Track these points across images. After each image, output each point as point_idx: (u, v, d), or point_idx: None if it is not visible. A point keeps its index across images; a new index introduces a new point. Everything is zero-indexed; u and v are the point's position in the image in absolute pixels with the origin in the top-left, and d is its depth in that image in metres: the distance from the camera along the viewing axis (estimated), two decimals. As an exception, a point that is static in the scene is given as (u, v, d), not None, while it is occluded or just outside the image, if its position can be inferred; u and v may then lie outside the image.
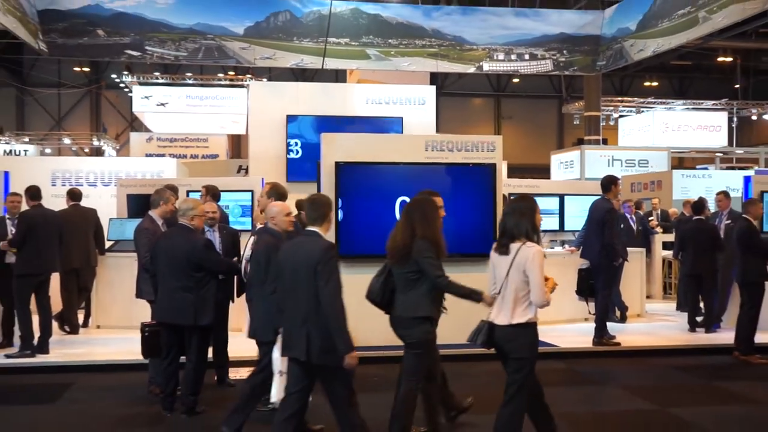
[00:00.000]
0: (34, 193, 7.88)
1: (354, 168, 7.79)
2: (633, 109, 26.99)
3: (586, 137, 21.69)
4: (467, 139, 8.15)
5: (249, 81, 23.48)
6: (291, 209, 5.42)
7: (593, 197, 8.74)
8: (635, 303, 10.29)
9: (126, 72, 24.39)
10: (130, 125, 29.75)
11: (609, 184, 8.42)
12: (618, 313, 9.74)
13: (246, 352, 7.13)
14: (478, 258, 7.71)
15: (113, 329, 8.94)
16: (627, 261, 8.93)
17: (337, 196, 7.69)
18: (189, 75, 25.83)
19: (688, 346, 8.55)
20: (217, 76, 26.08)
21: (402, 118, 13.49)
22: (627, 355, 8.12)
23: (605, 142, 22.61)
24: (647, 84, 31.67)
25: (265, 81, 24.24)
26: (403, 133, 12.97)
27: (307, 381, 4.27)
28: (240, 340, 7.68)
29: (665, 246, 12.13)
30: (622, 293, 9.73)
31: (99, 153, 27.77)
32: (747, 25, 18.45)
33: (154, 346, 5.81)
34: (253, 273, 5.26)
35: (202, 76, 26.30)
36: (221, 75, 26.10)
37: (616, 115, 26.63)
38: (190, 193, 8.96)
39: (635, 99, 27.56)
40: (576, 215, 10.48)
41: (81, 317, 9.34)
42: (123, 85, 25.52)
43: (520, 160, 24.60)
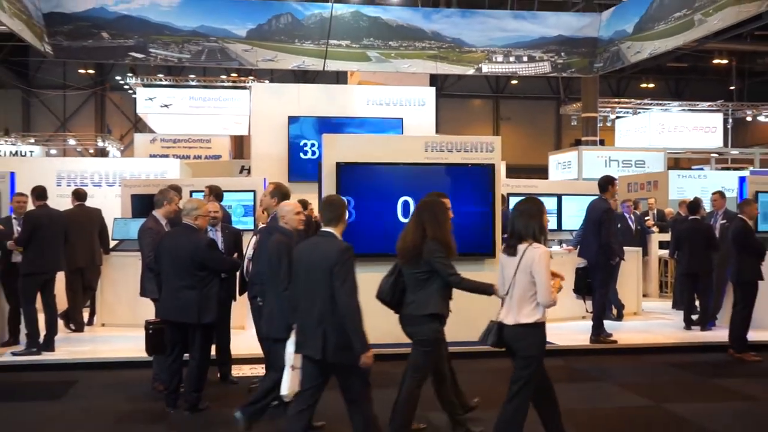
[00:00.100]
0: (40, 193, 7.88)
1: (355, 168, 7.79)
2: (630, 111, 26.96)
3: (583, 138, 21.67)
4: (466, 140, 8.14)
5: (251, 83, 23.50)
6: (301, 209, 5.41)
7: (590, 197, 8.74)
8: (632, 301, 10.28)
9: (130, 74, 24.39)
10: (134, 126, 29.74)
11: (606, 184, 8.42)
12: (615, 312, 9.74)
13: (248, 349, 7.15)
14: (477, 257, 7.74)
15: (118, 327, 8.94)
16: (624, 260, 8.94)
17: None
18: (192, 77, 25.86)
19: (683, 343, 8.55)
20: (220, 77, 26.12)
21: (402, 119, 13.50)
22: (624, 353, 8.12)
23: (602, 142, 22.60)
24: (644, 86, 31.67)
25: (267, 83, 24.23)
26: (403, 134, 12.97)
27: (321, 379, 4.30)
28: (242, 337, 7.72)
29: (661, 245, 12.13)
30: (618, 292, 9.72)
31: (103, 154, 27.80)
32: (742, 28, 18.46)
33: (158, 343, 5.81)
34: (266, 271, 5.22)
35: (205, 78, 26.32)
36: (224, 77, 26.13)
37: (613, 116, 26.61)
38: (193, 194, 8.96)
39: (632, 100, 27.54)
40: (573, 215, 10.48)
41: (86, 315, 9.35)
42: (127, 87, 25.52)
43: (518, 160, 24.61)
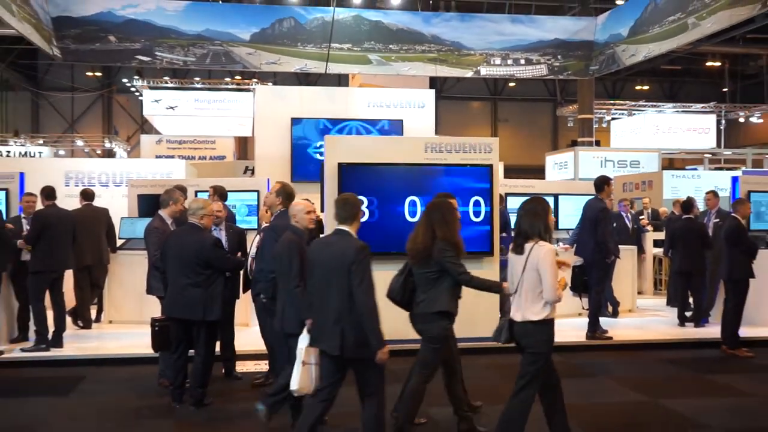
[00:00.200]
0: (48, 193, 7.88)
1: (356, 169, 7.79)
2: (625, 112, 26.96)
3: (579, 139, 21.67)
4: (465, 141, 8.13)
5: (255, 85, 23.48)
6: (312, 208, 5.41)
7: (587, 197, 8.74)
8: (627, 299, 10.28)
9: (137, 77, 24.40)
10: (140, 128, 29.74)
11: (602, 184, 8.42)
12: (610, 309, 9.74)
13: (252, 346, 7.16)
14: (476, 256, 7.73)
15: (124, 324, 8.95)
16: (619, 258, 8.93)
17: (340, 196, 7.69)
18: (197, 79, 25.87)
19: (677, 340, 8.54)
20: (225, 80, 26.14)
21: (402, 120, 13.49)
22: (619, 349, 8.13)
23: (598, 143, 22.59)
24: (638, 88, 31.64)
25: (271, 85, 24.21)
26: (404, 135, 12.97)
27: (339, 375, 4.35)
28: (246, 334, 7.72)
29: (656, 244, 12.13)
30: (614, 289, 9.72)
31: (111, 154, 27.78)
32: (735, 31, 18.47)
33: (163, 340, 5.81)
34: (277, 269, 5.22)
35: (209, 80, 26.33)
36: (228, 79, 26.15)
37: (608, 118, 26.61)
38: (198, 193, 8.96)
39: (627, 102, 27.54)
40: (570, 214, 10.47)
41: (93, 313, 9.35)
42: (134, 89, 25.53)
43: (516, 161, 24.57)
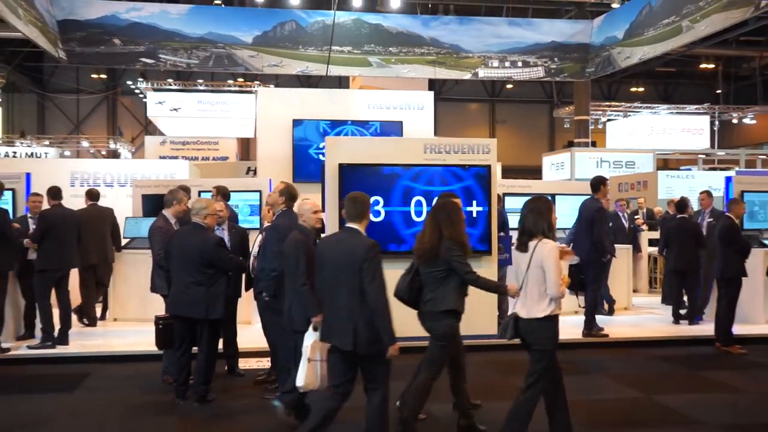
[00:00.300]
0: (54, 193, 7.87)
1: (356, 169, 7.78)
2: (620, 113, 26.94)
3: (575, 140, 21.68)
4: (463, 142, 8.13)
5: (257, 87, 23.46)
6: (319, 207, 5.42)
7: (583, 197, 8.72)
8: (622, 297, 10.28)
9: (141, 79, 24.38)
10: (144, 129, 29.72)
11: (598, 184, 8.41)
12: (606, 307, 9.73)
13: (254, 343, 7.15)
14: (474, 255, 7.70)
15: (129, 322, 8.94)
16: (615, 257, 8.92)
17: (341, 196, 7.67)
18: (200, 81, 25.85)
19: (672, 337, 8.54)
20: (227, 82, 26.11)
21: (402, 122, 13.47)
22: (615, 346, 8.12)
23: (594, 144, 22.58)
24: (634, 89, 31.63)
25: (272, 87, 24.20)
26: (403, 137, 12.95)
27: (351, 373, 4.36)
28: (248, 332, 7.72)
29: (651, 243, 12.12)
30: (610, 287, 9.71)
31: (115, 155, 27.75)
32: (728, 34, 18.47)
33: (167, 338, 5.80)
34: (285, 267, 5.21)
35: (212, 82, 26.31)
36: (231, 81, 26.12)
37: (604, 119, 26.59)
38: (201, 194, 8.94)
39: (622, 104, 27.52)
40: (567, 214, 10.44)
41: (99, 310, 9.35)
42: (138, 91, 25.51)
43: (513, 161, 24.55)
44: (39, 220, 7.63)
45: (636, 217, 12.01)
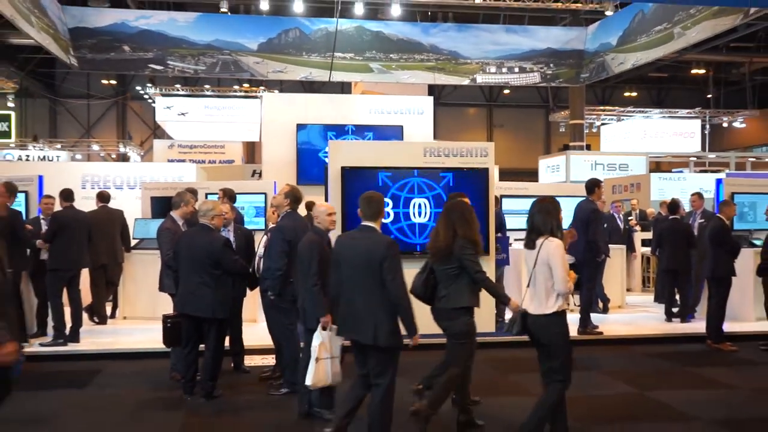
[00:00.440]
0: (66, 196, 7.88)
1: (358, 172, 7.78)
2: (614, 118, 26.92)
3: (571, 143, 21.65)
4: (462, 146, 8.12)
5: (262, 92, 23.50)
6: (334, 210, 5.42)
7: (578, 199, 8.72)
8: (616, 295, 10.26)
9: (149, 84, 24.41)
10: (153, 133, 29.73)
11: (593, 186, 8.40)
12: (601, 305, 9.72)
13: (260, 341, 7.15)
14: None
15: (138, 320, 8.95)
16: (609, 257, 8.91)
17: (344, 198, 7.68)
18: (207, 87, 25.86)
19: (665, 334, 8.52)
20: (233, 88, 26.12)
21: (402, 126, 13.47)
22: (609, 343, 8.11)
23: (588, 147, 22.57)
24: (627, 94, 31.60)
25: (277, 92, 24.23)
26: (404, 140, 12.95)
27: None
28: (254, 329, 7.71)
29: (644, 243, 12.12)
30: (604, 286, 9.70)
31: (125, 159, 27.78)
32: (718, 40, 18.49)
33: (175, 336, 5.80)
34: (299, 267, 5.19)
35: (219, 88, 26.32)
36: (237, 87, 26.12)
37: (598, 123, 26.57)
38: (208, 196, 8.94)
39: (616, 108, 27.50)
40: (562, 215, 10.44)
41: (109, 309, 9.36)
42: (147, 97, 25.53)
43: (510, 164, 24.54)
44: (51, 221, 7.64)
45: (629, 219, 12.01)
